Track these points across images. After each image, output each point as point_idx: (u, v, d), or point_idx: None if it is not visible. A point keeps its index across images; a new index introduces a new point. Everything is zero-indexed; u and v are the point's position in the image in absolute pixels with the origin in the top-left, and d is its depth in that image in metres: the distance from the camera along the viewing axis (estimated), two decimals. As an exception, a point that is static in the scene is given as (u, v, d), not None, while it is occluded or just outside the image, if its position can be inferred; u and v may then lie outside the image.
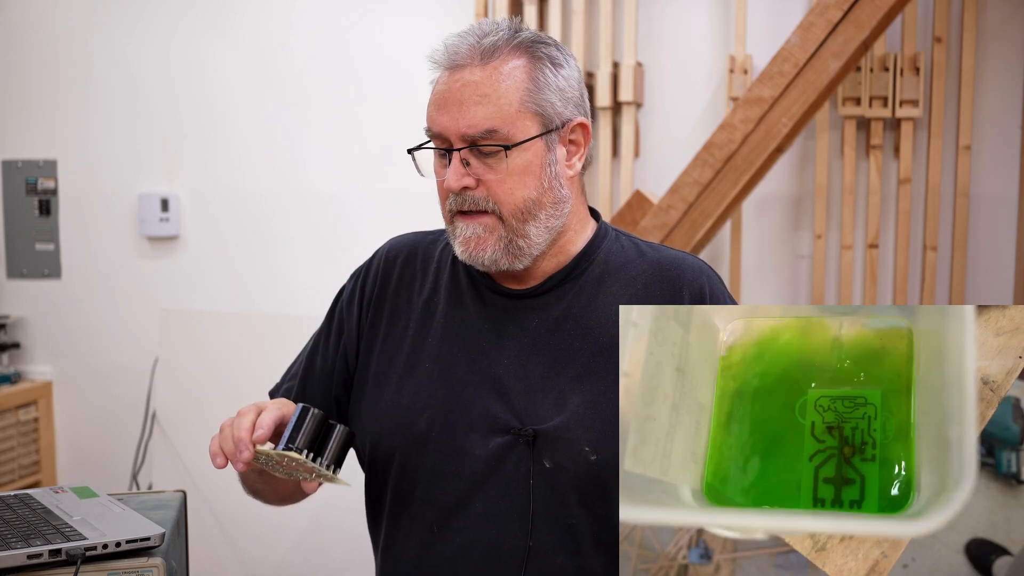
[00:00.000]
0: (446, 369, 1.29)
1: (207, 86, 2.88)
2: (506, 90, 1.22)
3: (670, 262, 1.32)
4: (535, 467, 1.23)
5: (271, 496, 1.39)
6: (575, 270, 1.31)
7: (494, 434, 1.25)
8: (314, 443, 1.16)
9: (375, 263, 1.42)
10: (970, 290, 2.54)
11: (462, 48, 1.24)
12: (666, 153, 2.64)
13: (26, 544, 1.04)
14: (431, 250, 1.40)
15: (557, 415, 1.23)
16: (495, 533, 1.24)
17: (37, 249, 2.97)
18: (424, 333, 1.33)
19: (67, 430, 3.00)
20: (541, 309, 1.29)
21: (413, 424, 1.28)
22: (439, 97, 1.24)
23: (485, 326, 1.30)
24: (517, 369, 1.27)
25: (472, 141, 1.22)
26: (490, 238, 1.24)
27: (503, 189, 1.23)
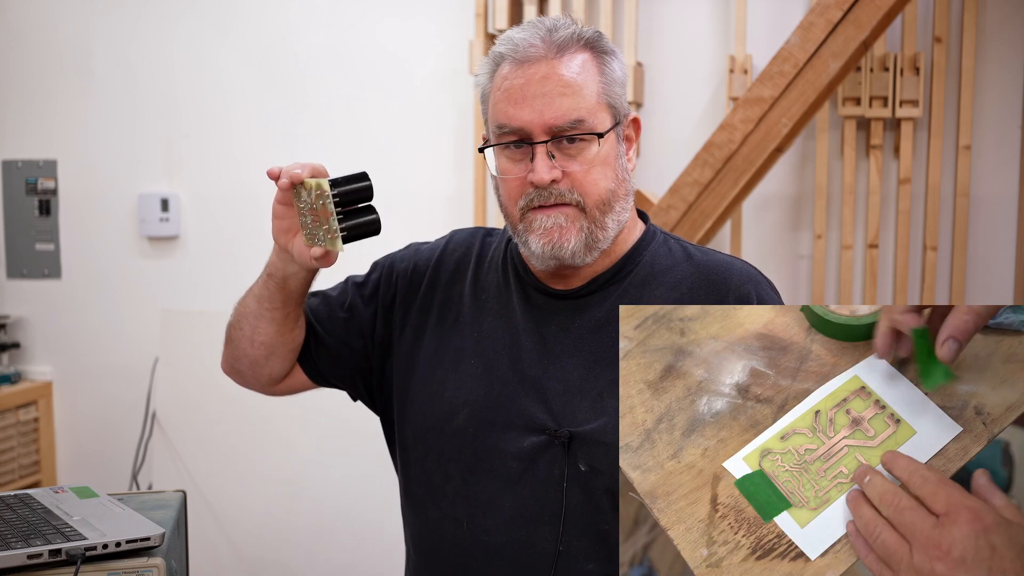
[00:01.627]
0: (489, 366, 1.29)
1: (207, 86, 2.88)
2: (585, 82, 1.23)
3: (717, 266, 1.30)
4: (569, 469, 1.22)
5: (255, 321, 1.35)
6: (620, 272, 1.30)
7: (529, 434, 1.24)
8: (349, 203, 1.21)
9: (437, 252, 1.41)
10: (970, 290, 2.55)
11: (534, 42, 1.23)
12: (666, 153, 2.64)
13: (26, 544, 1.04)
14: (486, 248, 1.40)
15: (595, 418, 1.22)
16: (525, 534, 1.23)
17: (37, 249, 2.97)
18: (471, 328, 1.33)
19: (67, 430, 3.00)
20: (584, 310, 1.28)
21: (453, 419, 1.28)
22: (516, 92, 1.21)
23: (529, 326, 1.29)
24: (556, 370, 1.26)
25: (558, 133, 1.21)
26: (572, 228, 1.23)
27: (588, 180, 1.22)
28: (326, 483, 2.80)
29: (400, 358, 1.37)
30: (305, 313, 1.39)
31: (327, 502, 2.80)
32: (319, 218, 1.19)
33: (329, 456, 2.81)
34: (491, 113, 1.25)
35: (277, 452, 2.83)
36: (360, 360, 1.40)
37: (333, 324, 1.40)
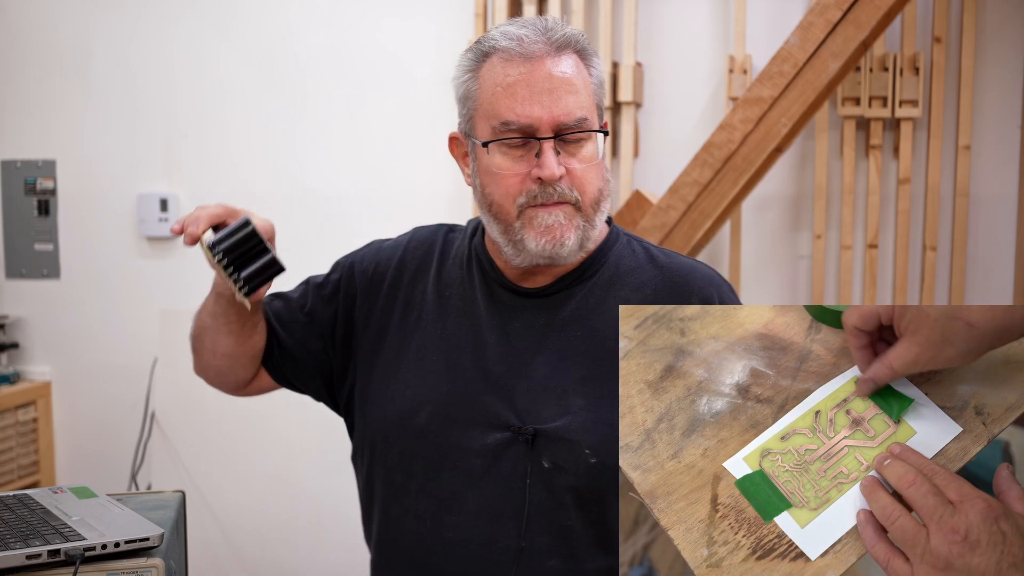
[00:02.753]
0: (452, 363, 1.30)
1: (207, 86, 2.88)
2: (583, 82, 1.24)
3: (680, 269, 1.32)
4: (533, 466, 1.23)
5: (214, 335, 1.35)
6: (587, 272, 1.31)
7: (493, 430, 1.25)
8: (239, 254, 1.19)
9: (399, 250, 1.41)
10: (970, 290, 2.55)
11: (536, 39, 1.22)
12: (666, 153, 2.64)
13: (25, 544, 1.04)
14: (449, 245, 1.40)
15: (560, 416, 1.23)
16: (488, 531, 1.24)
17: (36, 249, 2.97)
18: (434, 325, 1.33)
19: (66, 430, 3.00)
20: (550, 309, 1.29)
21: (415, 415, 1.29)
22: (522, 87, 1.21)
23: (493, 323, 1.30)
24: (521, 368, 1.27)
25: (564, 130, 1.21)
26: (571, 226, 1.23)
27: (586, 178, 1.24)
28: (326, 483, 2.80)
29: (363, 357, 1.37)
30: (266, 316, 1.39)
31: (327, 502, 2.80)
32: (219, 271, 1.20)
33: (329, 456, 2.80)
34: (487, 108, 1.24)
35: (277, 452, 2.82)
36: (321, 361, 1.40)
37: (294, 327, 1.40)
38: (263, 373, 1.43)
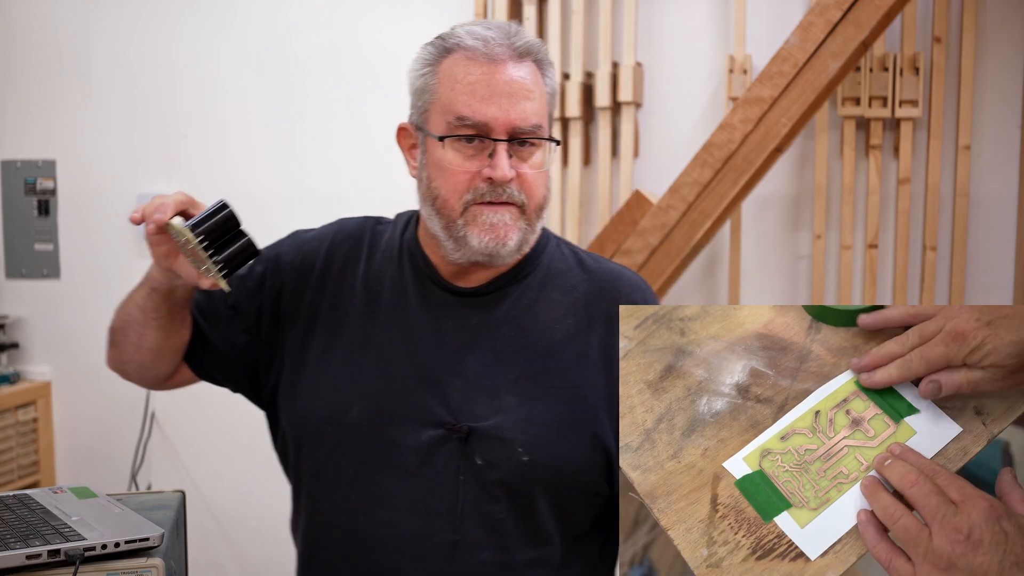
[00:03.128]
0: (385, 359, 1.30)
1: (207, 86, 2.88)
2: (541, 90, 1.27)
3: (608, 275, 1.36)
4: (466, 463, 1.25)
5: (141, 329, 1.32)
6: (520, 273, 1.33)
7: (427, 427, 1.26)
8: (216, 237, 1.17)
9: (325, 243, 1.41)
10: (970, 290, 2.54)
11: (500, 41, 1.25)
12: (666, 153, 2.64)
13: (25, 545, 1.04)
14: (378, 238, 1.41)
15: (493, 415, 1.26)
16: (422, 525, 1.25)
17: (36, 249, 2.97)
18: (365, 321, 1.33)
19: (66, 430, 3.00)
20: (483, 308, 1.31)
21: (347, 411, 1.29)
22: (483, 87, 1.23)
23: (426, 320, 1.31)
24: (454, 365, 1.28)
25: (517, 134, 1.24)
26: (514, 227, 1.26)
27: (534, 184, 1.26)
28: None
29: (291, 351, 1.36)
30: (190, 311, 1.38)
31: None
32: (196, 257, 1.18)
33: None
34: (445, 104, 1.25)
35: (276, 452, 2.82)
36: (245, 355, 1.39)
37: (217, 321, 1.39)
38: (184, 367, 1.41)
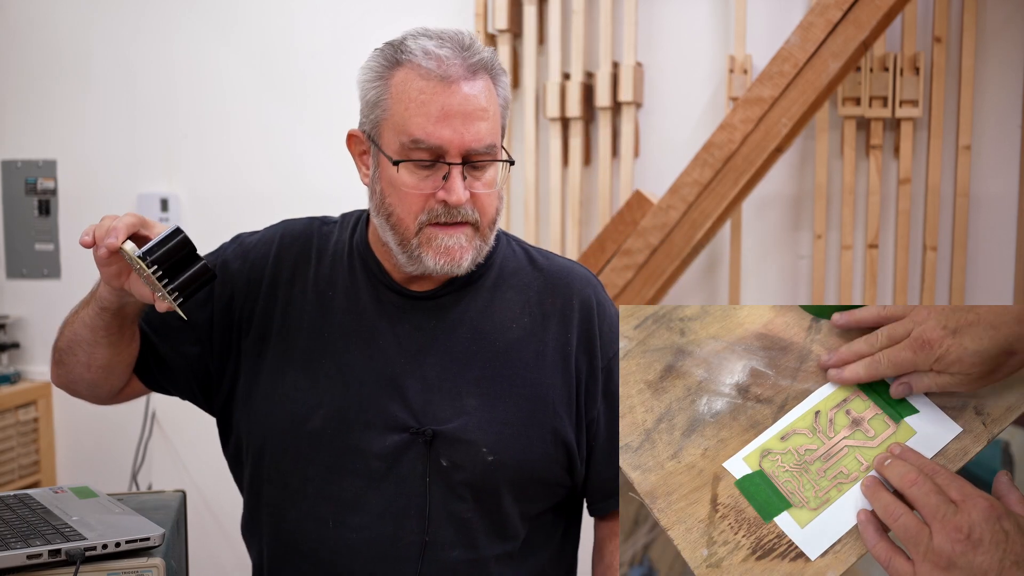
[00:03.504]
0: (342, 366, 1.30)
1: (207, 86, 2.88)
2: (495, 107, 1.26)
3: (559, 271, 1.37)
4: (432, 465, 1.26)
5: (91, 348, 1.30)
6: (473, 275, 1.33)
7: (391, 432, 1.27)
8: (171, 263, 1.15)
9: (272, 247, 1.38)
10: (970, 290, 2.54)
11: (454, 61, 1.22)
12: (666, 153, 2.64)
13: (26, 544, 1.04)
14: (326, 240, 1.39)
15: (456, 417, 1.26)
16: (392, 528, 1.26)
17: (37, 249, 2.97)
18: (320, 327, 1.32)
19: (67, 430, 3.00)
20: (438, 311, 1.31)
21: (308, 420, 1.28)
22: (437, 109, 1.20)
23: (382, 324, 1.31)
24: (414, 369, 1.28)
25: (472, 156, 1.22)
26: (469, 247, 1.26)
27: (488, 202, 1.26)
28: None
29: (245, 360, 1.35)
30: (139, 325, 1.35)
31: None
32: (150, 282, 1.16)
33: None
34: (398, 123, 1.22)
35: (277, 452, 2.83)
36: (196, 366, 1.37)
37: (167, 332, 1.37)
38: (134, 380, 1.39)
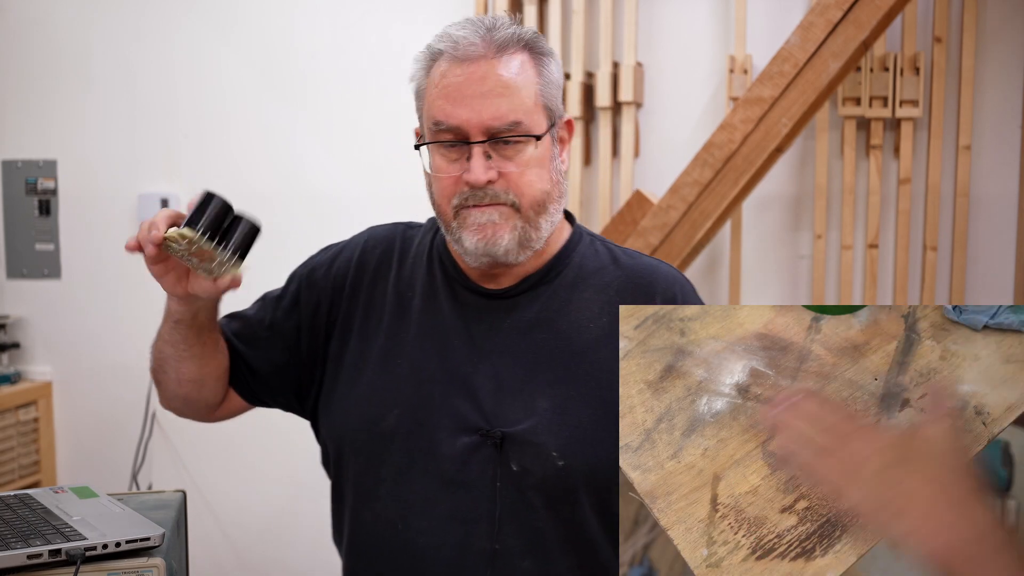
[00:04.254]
0: (417, 366, 1.29)
1: (207, 86, 2.88)
2: (524, 83, 1.22)
3: (643, 270, 1.31)
4: (502, 469, 1.23)
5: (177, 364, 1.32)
6: (550, 273, 1.30)
7: (462, 434, 1.24)
8: (217, 229, 1.15)
9: (356, 252, 1.40)
10: (970, 290, 2.54)
11: (474, 40, 1.22)
12: (666, 153, 2.64)
13: (26, 544, 1.04)
14: (409, 243, 1.40)
15: (526, 419, 1.23)
16: (461, 534, 1.23)
17: (37, 249, 2.97)
18: (398, 328, 1.32)
19: (67, 430, 3.00)
20: (514, 311, 1.29)
21: (382, 420, 1.28)
22: (454, 90, 1.21)
23: (458, 324, 1.29)
24: (487, 370, 1.26)
25: (495, 133, 1.20)
26: (506, 225, 1.23)
27: (524, 181, 1.22)
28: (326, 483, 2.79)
29: (329, 365, 1.36)
30: (228, 338, 1.38)
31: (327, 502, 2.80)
32: (204, 257, 1.16)
33: (329, 456, 2.81)
34: (427, 110, 1.25)
35: (277, 452, 2.82)
36: (288, 375, 1.39)
37: (256, 345, 1.38)
38: (232, 395, 1.41)
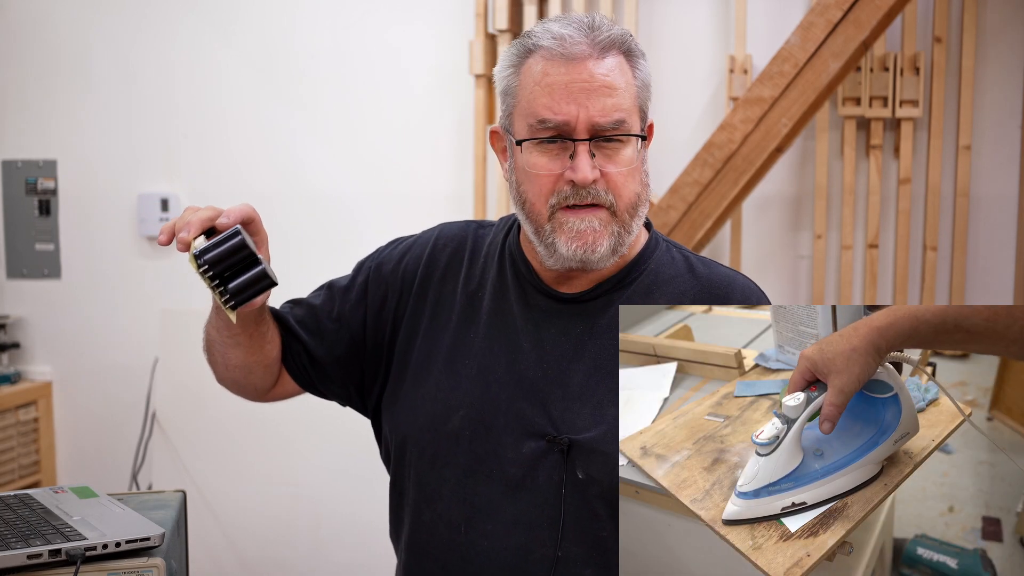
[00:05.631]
0: (485, 368, 1.27)
1: (207, 86, 2.88)
2: (626, 84, 1.22)
3: (720, 281, 1.29)
4: (568, 476, 1.21)
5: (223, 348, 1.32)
6: (626, 278, 1.28)
7: (528, 439, 1.23)
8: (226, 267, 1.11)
9: (426, 248, 1.38)
10: (970, 290, 2.54)
11: (579, 39, 1.20)
12: (666, 153, 2.63)
13: (26, 544, 1.04)
14: (480, 242, 1.37)
15: (594, 426, 1.21)
16: (524, 540, 1.22)
17: (37, 249, 2.97)
18: (466, 327, 1.30)
19: (67, 430, 3.00)
20: (587, 315, 1.27)
21: (448, 420, 1.27)
22: (560, 87, 1.19)
23: (528, 327, 1.27)
24: (557, 375, 1.24)
25: (599, 132, 1.19)
26: (604, 232, 1.21)
27: (623, 183, 1.21)
28: (326, 483, 2.80)
29: (395, 360, 1.35)
30: (289, 323, 1.37)
31: (327, 502, 2.80)
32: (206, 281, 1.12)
33: (329, 456, 2.80)
34: (525, 106, 1.22)
35: (277, 452, 2.82)
36: (351, 367, 1.38)
37: (322, 336, 1.37)
38: (286, 379, 1.40)
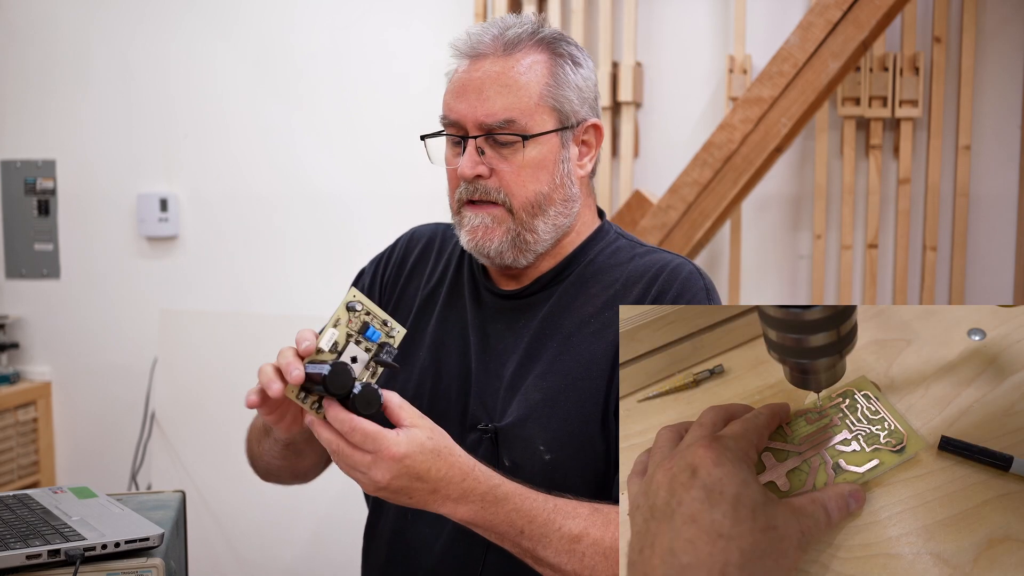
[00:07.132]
0: (437, 361, 1.33)
1: (206, 86, 2.88)
2: (526, 83, 1.23)
3: (651, 265, 1.28)
4: (498, 465, 1.23)
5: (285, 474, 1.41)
6: (564, 271, 1.31)
7: (467, 431, 1.28)
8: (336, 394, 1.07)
9: (396, 250, 1.46)
10: (970, 290, 2.54)
11: (485, 38, 1.25)
12: (665, 153, 2.64)
13: (25, 544, 1.04)
14: (447, 242, 1.43)
15: (516, 412, 1.25)
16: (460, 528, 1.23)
17: (36, 249, 2.97)
18: (424, 324, 1.36)
19: (66, 430, 3.00)
20: (528, 310, 1.31)
21: None
22: (458, 85, 1.25)
23: (475, 323, 1.32)
24: (496, 368, 1.29)
25: (489, 130, 1.23)
26: (498, 229, 1.25)
27: (516, 181, 1.24)
28: (326, 483, 2.79)
29: None
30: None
31: (327, 502, 2.80)
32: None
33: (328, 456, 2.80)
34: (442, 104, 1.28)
35: (276, 452, 2.82)
36: None
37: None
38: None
